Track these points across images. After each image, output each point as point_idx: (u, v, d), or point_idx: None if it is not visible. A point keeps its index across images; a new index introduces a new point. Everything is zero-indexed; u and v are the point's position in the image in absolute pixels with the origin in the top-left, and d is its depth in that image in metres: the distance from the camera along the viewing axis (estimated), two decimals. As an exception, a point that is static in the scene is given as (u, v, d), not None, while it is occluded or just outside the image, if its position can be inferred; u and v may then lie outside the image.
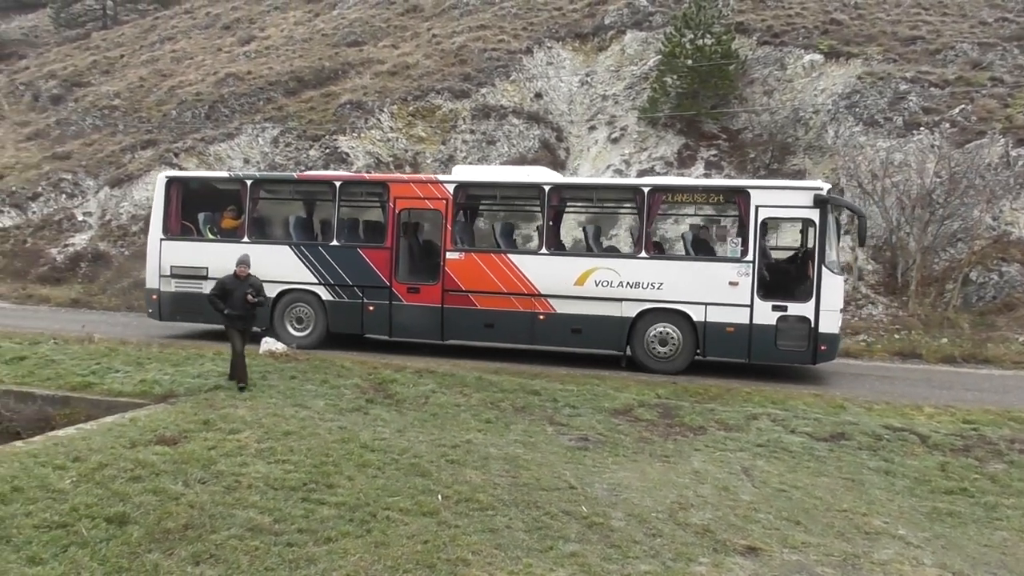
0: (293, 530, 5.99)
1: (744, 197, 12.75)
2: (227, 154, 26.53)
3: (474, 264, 13.76)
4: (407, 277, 14.22)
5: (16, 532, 5.70)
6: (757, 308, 12.44)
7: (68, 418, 10.25)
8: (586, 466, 8.24)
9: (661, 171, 22.61)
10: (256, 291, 11.02)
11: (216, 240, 15.22)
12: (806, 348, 12.33)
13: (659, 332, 13.02)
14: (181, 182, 15.84)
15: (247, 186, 15.06)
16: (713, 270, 12.89)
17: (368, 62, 30.08)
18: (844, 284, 13.04)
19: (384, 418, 9.79)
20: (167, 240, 15.24)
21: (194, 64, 34.31)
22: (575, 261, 13.87)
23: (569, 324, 13.29)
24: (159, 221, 15.34)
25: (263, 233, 15.20)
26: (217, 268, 14.04)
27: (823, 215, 12.23)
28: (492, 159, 24.34)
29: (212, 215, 15.51)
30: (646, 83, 25.58)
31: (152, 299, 15.38)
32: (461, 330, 13.97)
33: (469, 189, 14.41)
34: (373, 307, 14.15)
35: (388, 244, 14.18)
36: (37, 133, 32.15)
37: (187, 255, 15.10)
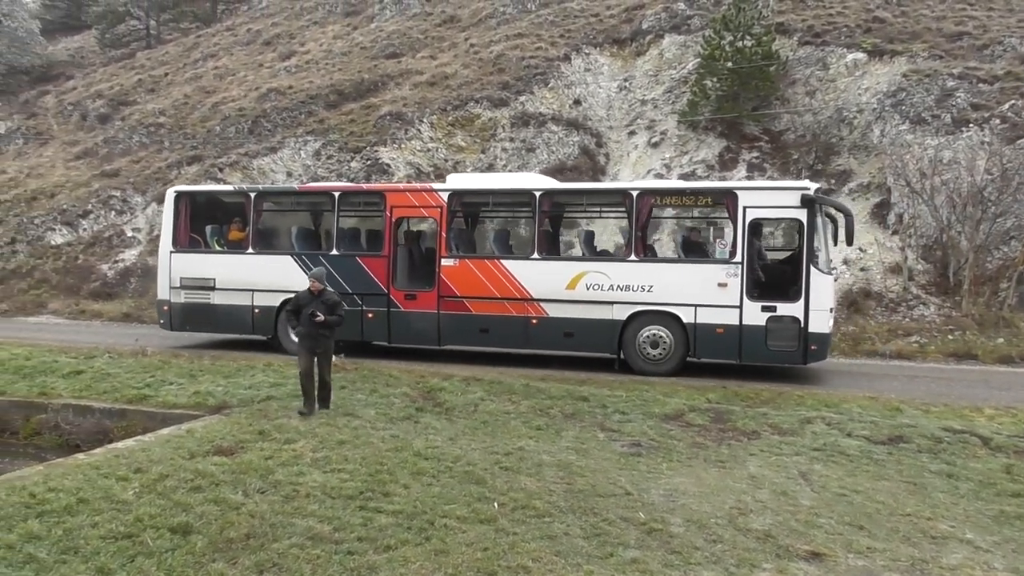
0: (353, 538, 6.02)
1: (732, 199, 12.78)
2: (270, 168, 26.94)
3: (468, 270, 13.94)
4: (404, 284, 14.45)
5: (84, 543, 5.80)
6: (746, 309, 12.44)
7: (125, 430, 10.47)
8: (640, 472, 8.16)
9: (703, 174, 22.43)
10: (329, 308, 9.99)
11: (222, 252, 15.63)
12: (796, 348, 12.30)
13: (650, 334, 13.06)
14: (189, 196, 16.24)
15: (251, 198, 15.43)
16: (702, 272, 12.90)
17: (407, 73, 30.35)
18: (834, 282, 13.03)
19: (435, 426, 9.82)
20: (177, 252, 15.66)
21: (236, 80, 34.93)
22: (566, 265, 13.89)
23: (561, 328, 13.39)
24: (169, 234, 15.79)
25: (267, 244, 15.52)
26: (224, 279, 15.09)
27: (811, 215, 12.21)
28: (532, 167, 24.35)
29: (219, 227, 15.90)
30: (685, 86, 25.40)
31: (163, 310, 15.77)
32: (457, 335, 14.14)
33: (463, 196, 14.60)
34: (372, 314, 14.35)
35: (386, 252, 14.42)
36: (86, 152, 32.99)
37: (196, 267, 15.52)
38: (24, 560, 5.51)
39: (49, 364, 13.48)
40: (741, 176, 22.08)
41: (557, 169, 23.79)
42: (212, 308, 15.28)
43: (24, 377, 12.92)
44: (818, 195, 12.45)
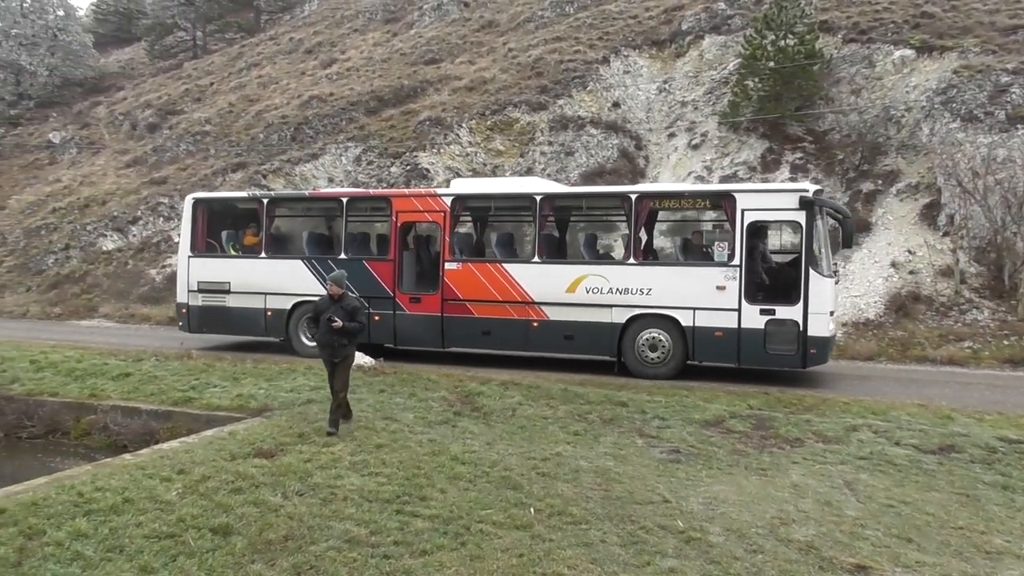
0: (389, 542, 6.03)
1: (730, 201, 12.70)
2: (312, 174, 27.29)
3: (471, 273, 14.10)
4: (409, 287, 14.68)
5: (128, 542, 5.91)
6: (745, 312, 12.35)
7: (171, 432, 10.66)
8: (679, 479, 8.04)
9: (744, 176, 22.12)
10: (348, 314, 9.19)
11: (237, 256, 16.06)
12: (795, 351, 12.18)
13: (649, 337, 13.05)
14: (206, 203, 16.71)
15: (264, 204, 15.83)
16: (700, 275, 12.82)
17: (446, 79, 30.52)
18: (836, 286, 12.87)
19: (472, 431, 9.81)
20: (194, 257, 16.10)
21: (279, 88, 35.50)
22: (566, 269, 13.81)
23: (562, 331, 13.46)
24: (187, 239, 16.24)
25: (279, 248, 15.85)
26: (238, 283, 15.49)
27: (809, 217, 12.08)
28: (571, 170, 24.30)
29: (235, 233, 16.34)
30: (726, 87, 25.10)
31: (182, 312, 16.24)
32: (460, 338, 14.33)
33: (466, 201, 14.79)
34: (379, 317, 14.52)
35: (391, 256, 14.66)
36: (135, 160, 33.82)
37: (212, 271, 15.93)
38: (72, 557, 5.64)
39: (99, 367, 13.81)
40: (785, 177, 21.72)
41: (596, 172, 23.70)
42: (227, 311, 15.70)
43: (76, 379, 13.25)
44: (817, 197, 12.31)
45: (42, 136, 41.06)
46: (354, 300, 9.50)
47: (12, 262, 29.01)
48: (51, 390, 12.78)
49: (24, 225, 30.78)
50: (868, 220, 19.85)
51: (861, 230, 19.65)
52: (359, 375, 12.62)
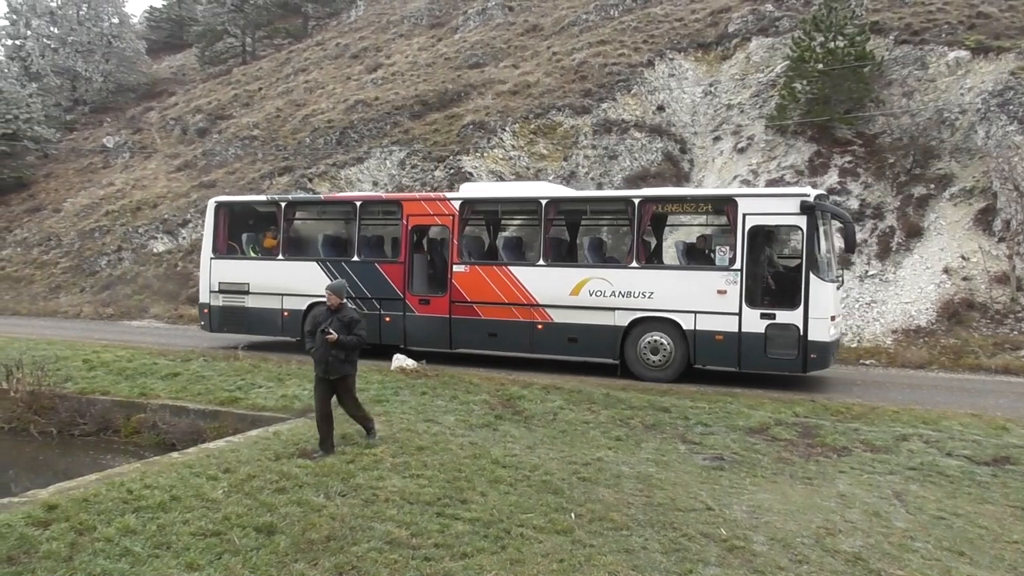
0: (430, 544, 6.05)
1: (732, 206, 12.75)
2: (357, 177, 27.59)
3: (478, 276, 14.31)
4: (419, 289, 14.98)
5: (175, 539, 6.02)
6: (745, 316, 12.38)
7: (217, 431, 10.85)
8: (723, 487, 7.94)
9: (791, 180, 21.76)
10: (345, 326, 8.45)
11: (256, 258, 16.55)
12: (796, 356, 12.16)
13: (651, 340, 13.13)
14: (227, 206, 17.19)
15: (281, 208, 16.26)
16: (701, 279, 12.90)
17: (490, 83, 30.61)
18: (838, 291, 12.74)
19: (513, 434, 9.80)
20: (216, 259, 16.66)
21: (325, 93, 35.97)
22: (570, 272, 13.96)
23: (566, 333, 13.64)
24: (209, 242, 16.79)
25: (295, 250, 16.27)
26: (257, 284, 15.98)
27: (810, 222, 12.08)
28: (615, 174, 24.17)
29: (255, 235, 16.87)
30: (773, 90, 24.74)
31: (204, 312, 16.80)
32: (467, 340, 14.54)
33: (474, 205, 14.98)
34: (390, 318, 14.90)
35: (402, 259, 14.99)
36: (186, 164, 34.56)
37: (232, 272, 16.46)
38: (121, 553, 5.75)
39: (149, 366, 14.14)
40: (834, 181, 21.32)
41: (640, 176, 23.54)
42: (246, 311, 16.20)
43: (126, 378, 13.58)
44: (818, 202, 12.28)
45: (96, 141, 42.21)
46: (353, 312, 8.71)
47: (67, 264, 29.86)
48: (103, 389, 13.11)
49: (78, 228, 31.67)
50: (920, 225, 19.38)
51: (912, 235, 19.21)
52: (402, 377, 12.72)
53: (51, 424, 12.51)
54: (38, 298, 27.83)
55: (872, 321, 17.74)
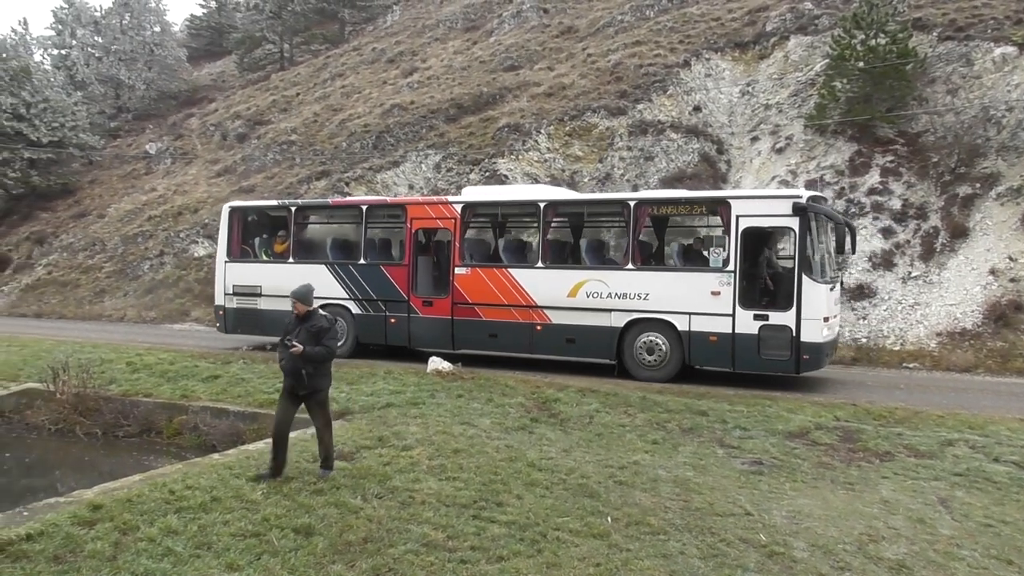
0: (466, 547, 6.05)
1: (725, 207, 12.89)
2: (393, 181, 27.77)
3: (479, 278, 14.57)
4: (422, 291, 15.29)
5: (216, 539, 6.11)
6: (739, 317, 12.50)
7: (257, 433, 10.97)
8: (762, 491, 7.83)
9: (831, 180, 21.43)
10: (313, 336, 7.63)
11: (268, 261, 16.95)
12: (789, 357, 12.25)
13: (646, 341, 13.30)
14: (241, 211, 17.66)
15: (292, 212, 16.66)
16: (696, 280, 13.02)
17: (525, 85, 30.61)
18: (832, 292, 12.81)
19: (549, 437, 9.78)
20: (230, 262, 17.13)
21: (362, 97, 36.27)
22: (568, 274, 14.16)
23: (564, 334, 13.87)
24: (224, 245, 17.25)
25: (305, 254, 16.64)
26: (268, 286, 16.30)
27: (803, 223, 12.13)
28: (650, 175, 24.01)
29: (267, 239, 17.21)
30: (813, 89, 24.37)
31: (219, 314, 17.29)
32: (469, 340, 14.81)
33: (475, 208, 15.28)
34: (394, 319, 15.31)
35: (406, 261, 15.33)
36: (226, 169, 35.08)
37: (245, 275, 16.92)
38: (163, 553, 5.85)
39: (190, 369, 14.38)
40: (875, 181, 20.94)
41: (676, 177, 23.35)
42: (259, 313, 16.57)
43: (168, 380, 13.82)
44: (810, 203, 12.33)
45: (139, 147, 43.04)
46: (323, 320, 7.88)
47: (111, 268, 30.49)
48: (146, 391, 13.36)
49: (122, 233, 32.32)
50: (965, 225, 18.94)
51: (957, 236, 18.79)
52: (437, 380, 12.77)
53: (96, 425, 12.75)
54: (83, 302, 28.47)
55: (915, 324, 17.38)
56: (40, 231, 36.16)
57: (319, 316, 7.84)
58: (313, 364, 7.59)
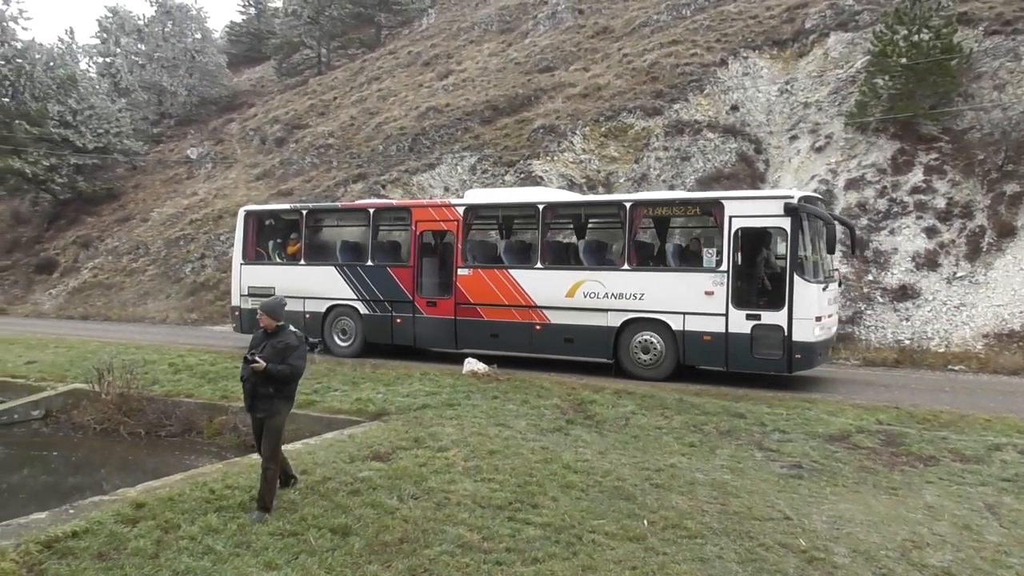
0: (501, 549, 6.05)
1: (719, 208, 13.01)
2: (429, 183, 27.92)
3: (480, 279, 14.89)
4: (427, 292, 15.62)
5: (254, 538, 6.18)
6: (732, 317, 12.63)
7: (294, 433, 11.00)
8: (801, 496, 7.71)
9: (872, 180, 21.04)
10: (278, 353, 6.93)
11: (281, 263, 17.46)
12: (781, 356, 12.32)
13: (642, 340, 13.49)
14: (256, 214, 18.20)
15: (303, 215, 17.18)
16: (690, 280, 13.14)
17: (560, 86, 30.57)
18: (825, 291, 12.82)
19: (585, 439, 9.74)
20: (245, 264, 17.63)
21: (398, 100, 36.54)
22: (565, 274, 14.35)
23: (562, 334, 14.10)
24: (239, 248, 17.76)
25: (315, 256, 17.04)
26: (281, 287, 16.50)
27: (794, 223, 12.21)
28: (687, 175, 23.82)
29: (281, 241, 17.71)
30: (853, 86, 23.96)
31: (235, 315, 17.83)
32: (471, 340, 15.12)
33: (477, 210, 15.63)
34: (400, 319, 15.71)
35: (411, 263, 15.71)
36: (264, 173, 35.57)
37: (259, 276, 17.34)
38: (203, 551, 5.94)
39: (230, 369, 14.56)
40: (918, 180, 20.52)
41: (713, 177, 23.13)
42: None
43: (209, 381, 14.05)
44: (802, 204, 12.39)
45: (181, 152, 43.85)
46: (292, 337, 7.10)
47: (154, 271, 31.11)
48: (187, 391, 13.58)
49: (165, 236, 32.95)
50: (1012, 224, 18.46)
51: (1005, 235, 18.33)
52: (473, 381, 12.79)
53: (139, 425, 13.00)
54: (127, 304, 29.08)
55: (961, 325, 16.98)
56: (86, 235, 37.06)
57: (288, 333, 7.14)
58: (275, 384, 6.94)
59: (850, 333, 17.30)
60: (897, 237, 19.16)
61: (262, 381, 6.86)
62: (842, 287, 15.65)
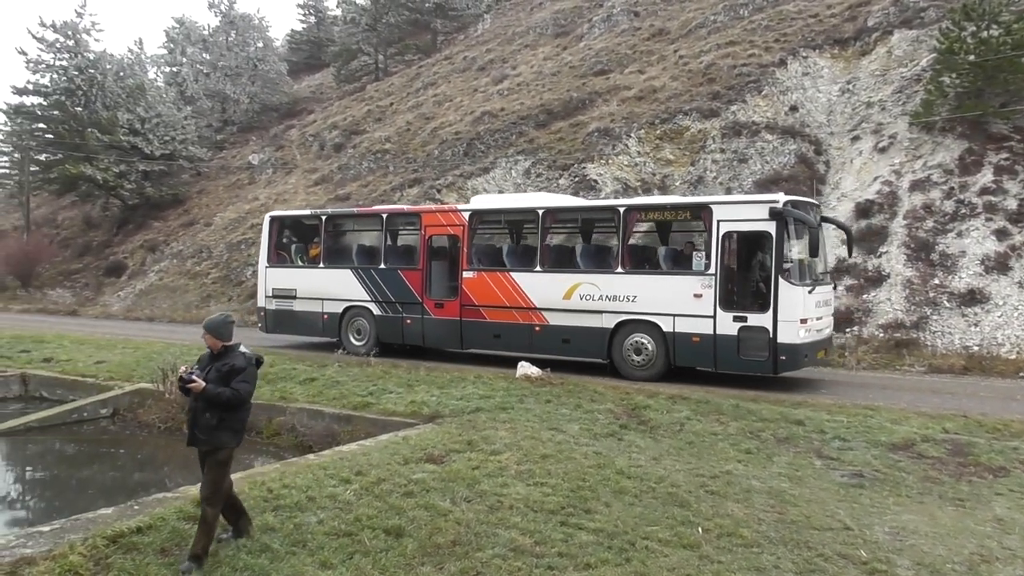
0: (553, 553, 6.02)
1: (707, 212, 13.34)
2: (483, 187, 28.04)
3: (484, 282, 15.44)
4: (435, 294, 16.22)
5: (310, 538, 6.28)
6: (719, 319, 12.91)
7: (350, 434, 11.26)
8: (863, 505, 7.50)
9: (939, 180, 20.38)
10: (222, 377, 5.95)
11: (302, 266, 18.32)
12: (766, 358, 12.56)
13: (634, 342, 13.84)
14: (279, 220, 19.22)
15: (322, 220, 18.16)
16: (679, 283, 13.49)
17: (615, 89, 30.42)
18: (811, 294, 12.79)
19: (639, 444, 9.65)
20: (270, 267, 18.56)
21: (453, 106, 36.82)
22: (563, 277, 14.70)
23: (560, 335, 14.57)
24: (265, 252, 18.69)
25: (334, 259, 17.89)
26: (302, 289, 17.83)
27: (779, 227, 12.42)
28: (744, 178, 23.44)
29: (303, 245, 18.60)
30: (918, 85, 23.26)
31: (261, 315, 18.81)
32: (475, 340, 15.76)
33: (481, 215, 16.18)
34: (410, 320, 16.41)
35: (420, 266, 16.34)
36: (323, 178, 36.23)
37: (282, 279, 18.31)
38: (261, 549, 6.04)
39: (288, 371, 14.87)
40: (988, 180, 19.81)
41: (771, 180, 22.71)
42: (294, 314, 18.07)
43: (268, 383, 14.29)
44: (786, 208, 12.53)
45: (243, 158, 44.94)
46: (240, 358, 6.07)
47: (217, 274, 31.93)
48: (247, 391, 13.85)
49: (227, 240, 33.81)
50: (1089, 226, 17.70)
51: (1080, 237, 17.56)
52: (526, 385, 12.78)
53: (201, 424, 13.32)
54: (191, 306, 29.90)
55: (1034, 331, 16.31)
56: (152, 239, 38.28)
57: (236, 354, 6.10)
58: (218, 410, 5.90)
59: (915, 339, 16.78)
60: (965, 240, 18.52)
61: (204, 408, 5.91)
62: (837, 289, 15.87)
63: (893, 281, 18.29)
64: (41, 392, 16.43)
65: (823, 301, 13.60)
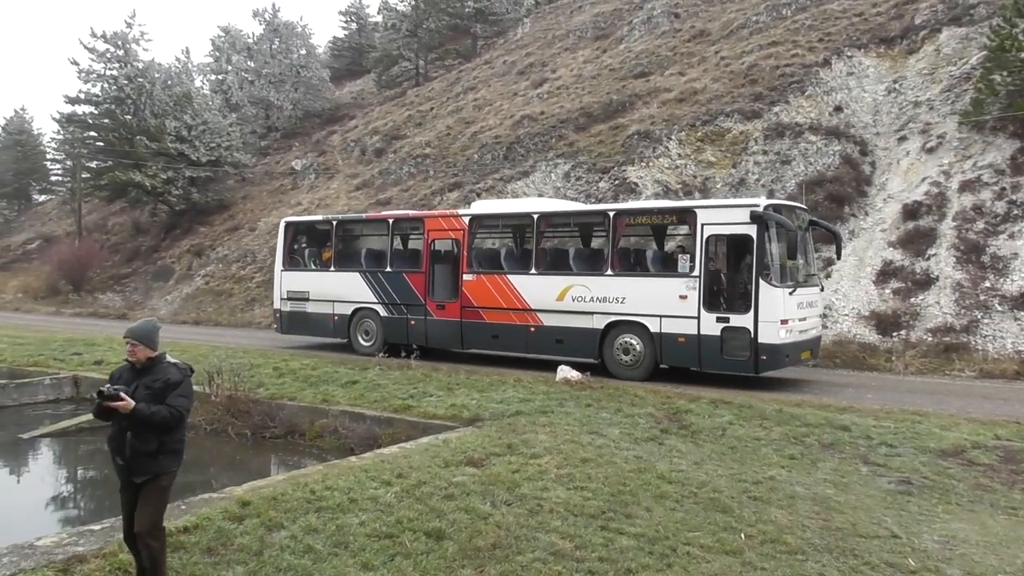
0: (594, 558, 6.00)
1: (692, 216, 13.85)
2: (523, 191, 28.07)
3: (483, 284, 16.07)
4: (437, 296, 16.87)
5: (352, 539, 6.34)
6: (703, 320, 13.34)
7: (391, 437, 11.34)
8: (911, 513, 7.34)
9: (990, 181, 19.87)
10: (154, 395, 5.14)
11: (314, 269, 19.15)
12: (748, 357, 12.94)
13: (623, 342, 14.33)
14: (294, 225, 20.24)
15: (333, 225, 19.03)
16: (666, 285, 13.94)
17: (655, 91, 30.24)
18: (792, 296, 13.05)
19: (680, 449, 9.57)
20: (285, 271, 19.48)
21: (493, 110, 36.95)
22: (556, 279, 15.24)
23: (553, 335, 15.13)
24: (280, 256, 19.61)
25: (344, 263, 18.69)
26: (315, 292, 18.69)
27: (760, 230, 12.80)
28: (787, 179, 23.11)
29: (316, 249, 19.40)
30: (968, 84, 22.72)
31: (276, 317, 19.76)
32: (475, 341, 16.39)
33: (480, 220, 16.80)
34: (414, 321, 17.12)
35: (423, 269, 17.08)
36: (364, 183, 36.61)
37: (296, 282, 19.19)
38: (304, 550, 6.12)
39: (330, 374, 15.05)
40: (1039, 180, 19.24)
41: (815, 181, 22.36)
42: (307, 315, 18.91)
43: (311, 385, 14.52)
44: (766, 212, 12.89)
45: (286, 164, 45.64)
46: (173, 370, 5.31)
47: (260, 278, 32.45)
48: (290, 395, 14.08)
49: (271, 245, 34.24)
50: None
51: None
52: (566, 389, 12.76)
53: (245, 426, 13.53)
54: (236, 310, 30.45)
55: (1090, 335, 15.81)
56: (199, 244, 39.06)
57: (166, 366, 5.31)
58: (155, 433, 5.15)
59: (965, 343, 16.37)
60: (1017, 241, 18.03)
61: (139, 434, 5.08)
62: (823, 291, 16.19)
63: (942, 284, 17.88)
64: (92, 394, 16.83)
65: (807, 303, 13.87)
